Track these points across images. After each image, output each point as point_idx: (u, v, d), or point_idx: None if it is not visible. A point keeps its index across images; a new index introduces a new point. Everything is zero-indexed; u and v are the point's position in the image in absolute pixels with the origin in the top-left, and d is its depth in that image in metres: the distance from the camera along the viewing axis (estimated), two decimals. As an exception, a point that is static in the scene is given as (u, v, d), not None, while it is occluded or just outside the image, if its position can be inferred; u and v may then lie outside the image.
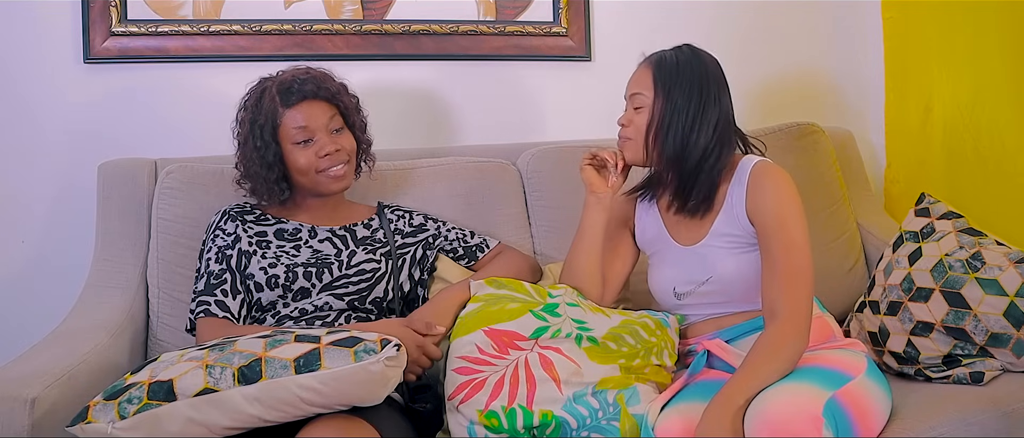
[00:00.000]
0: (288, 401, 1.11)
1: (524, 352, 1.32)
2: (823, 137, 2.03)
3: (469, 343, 1.33)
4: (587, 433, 1.30)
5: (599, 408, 1.31)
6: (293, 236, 1.51)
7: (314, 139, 1.47)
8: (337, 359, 1.12)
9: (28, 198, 1.78)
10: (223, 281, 1.44)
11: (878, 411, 1.30)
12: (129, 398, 1.09)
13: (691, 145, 1.38)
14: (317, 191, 1.51)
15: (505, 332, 1.33)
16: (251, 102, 1.49)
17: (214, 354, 1.14)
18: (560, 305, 1.38)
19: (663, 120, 1.38)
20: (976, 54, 1.97)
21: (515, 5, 2.05)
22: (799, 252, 1.32)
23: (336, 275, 1.45)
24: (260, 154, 1.46)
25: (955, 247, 1.57)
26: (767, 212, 1.35)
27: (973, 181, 1.97)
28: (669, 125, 1.38)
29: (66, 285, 1.66)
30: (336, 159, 1.48)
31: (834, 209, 1.98)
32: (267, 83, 1.50)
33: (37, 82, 1.76)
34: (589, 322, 1.37)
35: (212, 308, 1.41)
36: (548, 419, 1.29)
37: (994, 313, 1.47)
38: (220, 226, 1.50)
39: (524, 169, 1.86)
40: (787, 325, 1.27)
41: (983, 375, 1.48)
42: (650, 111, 1.40)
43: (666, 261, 1.48)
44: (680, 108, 1.38)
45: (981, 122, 1.95)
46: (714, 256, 1.41)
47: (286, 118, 1.46)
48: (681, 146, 1.38)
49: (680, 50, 1.43)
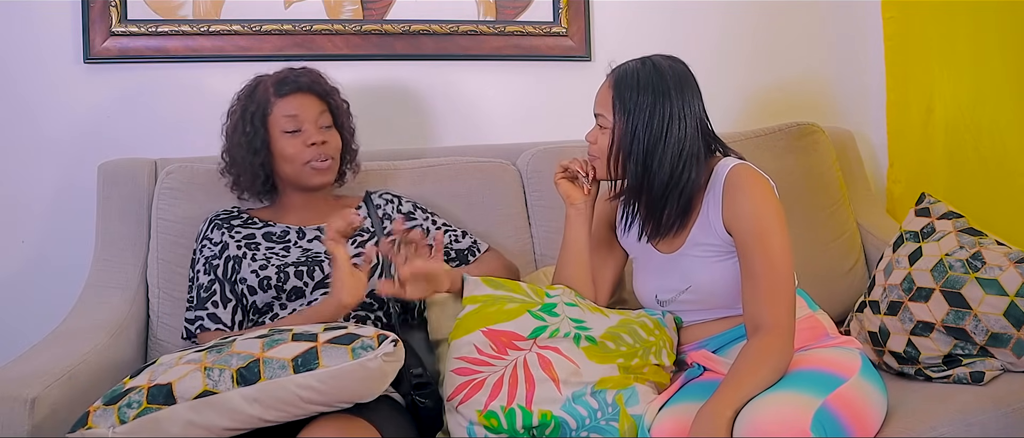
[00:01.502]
0: (288, 400, 1.11)
1: (523, 352, 1.32)
2: (823, 137, 2.03)
3: (468, 344, 1.32)
4: (586, 433, 1.29)
5: (598, 408, 1.30)
6: (281, 238, 1.52)
7: (303, 130, 1.49)
8: (335, 357, 1.12)
9: (28, 198, 1.78)
10: (212, 292, 1.45)
11: (874, 411, 1.29)
12: (129, 402, 1.09)
13: (654, 170, 1.33)
14: (300, 183, 1.52)
15: (503, 332, 1.33)
16: (244, 94, 1.53)
17: (212, 356, 1.14)
18: (558, 305, 1.38)
19: (623, 144, 1.34)
20: (977, 54, 1.97)
21: (515, 5, 2.05)
22: (780, 262, 1.28)
23: (328, 272, 1.45)
24: (248, 139, 1.48)
25: (955, 247, 1.57)
26: (745, 223, 1.31)
27: (974, 181, 1.97)
28: (630, 150, 1.34)
29: (66, 285, 1.66)
30: (323, 151, 1.50)
31: (834, 209, 1.98)
32: (262, 78, 1.54)
33: (37, 82, 1.76)
34: (587, 321, 1.37)
35: (206, 323, 1.43)
36: (547, 419, 1.29)
37: (994, 313, 1.47)
38: (207, 235, 1.52)
39: (524, 169, 1.86)
40: (771, 337, 1.25)
41: (983, 375, 1.48)
42: (611, 134, 1.36)
43: (647, 268, 1.47)
44: (639, 133, 1.32)
45: (982, 122, 1.95)
46: (692, 266, 1.39)
47: (277, 106, 1.49)
48: (643, 172, 1.34)
49: (643, 64, 1.37)
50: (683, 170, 1.33)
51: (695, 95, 1.36)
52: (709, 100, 1.40)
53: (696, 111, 1.36)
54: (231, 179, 1.55)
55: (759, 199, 1.31)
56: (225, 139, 1.54)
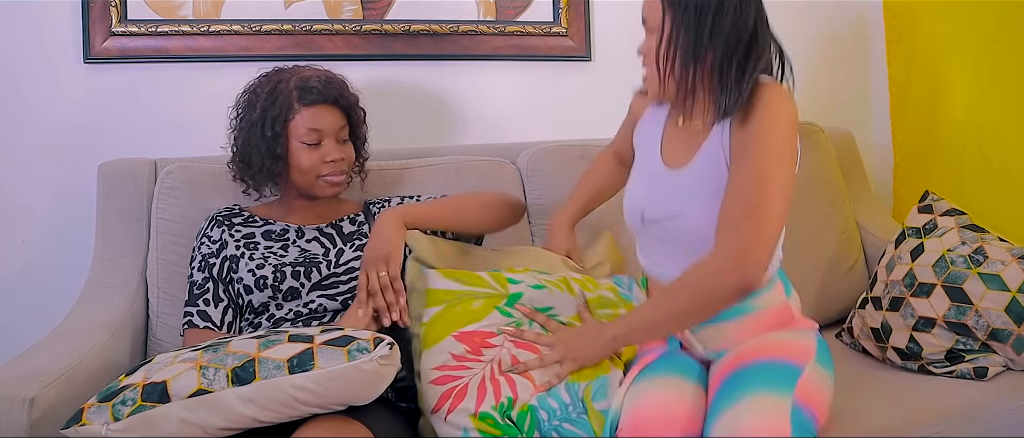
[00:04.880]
0: (282, 401, 1.11)
1: (497, 348, 1.30)
2: (823, 137, 2.03)
3: (441, 352, 1.29)
4: (559, 423, 1.27)
5: (570, 403, 1.28)
6: (280, 236, 1.51)
7: (322, 144, 1.47)
8: (330, 359, 1.11)
9: (28, 198, 1.77)
10: (205, 290, 1.44)
11: (827, 394, 1.26)
12: (123, 400, 1.08)
13: (700, 59, 1.21)
14: (310, 193, 1.51)
15: (475, 333, 1.30)
16: (264, 90, 1.47)
17: (208, 355, 1.14)
18: (524, 293, 1.35)
19: (670, 38, 1.22)
20: (980, 54, 1.96)
21: (515, 5, 2.05)
22: (773, 183, 1.13)
23: (325, 274, 1.44)
24: (268, 144, 1.45)
25: (957, 243, 1.57)
26: (750, 130, 1.17)
27: (979, 181, 1.97)
28: (676, 42, 1.22)
29: (66, 285, 1.66)
30: (339, 167, 1.48)
31: (834, 209, 1.98)
32: (284, 75, 1.49)
33: (37, 82, 1.76)
34: (555, 307, 1.36)
35: (194, 319, 1.42)
36: (524, 411, 1.27)
37: (996, 309, 1.47)
38: (207, 233, 1.51)
39: (524, 169, 1.86)
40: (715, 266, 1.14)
41: (987, 371, 1.47)
42: (659, 32, 1.24)
43: (645, 176, 1.37)
44: (688, 20, 1.20)
45: (985, 123, 1.95)
46: (690, 192, 1.27)
47: (300, 116, 1.45)
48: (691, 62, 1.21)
49: None
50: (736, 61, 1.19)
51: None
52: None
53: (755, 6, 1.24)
54: (237, 171, 1.52)
55: (776, 116, 1.17)
56: (238, 133, 1.50)
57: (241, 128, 1.49)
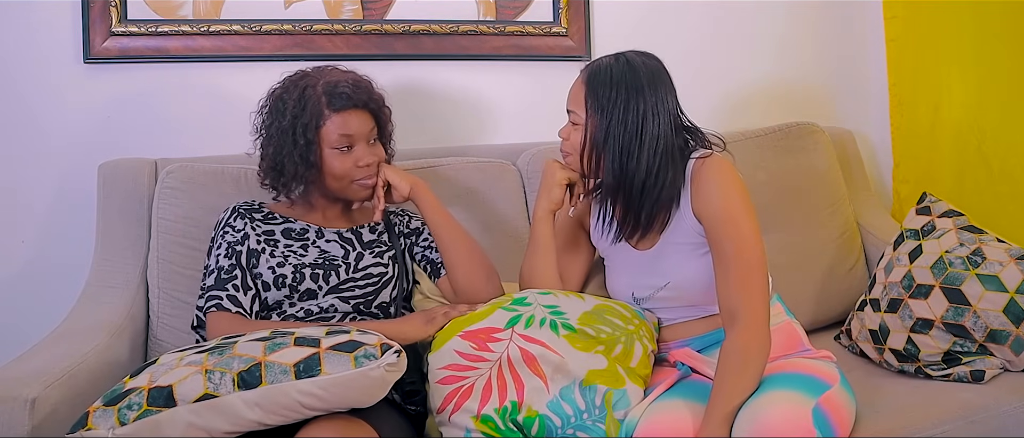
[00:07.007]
0: (288, 406, 1.11)
1: (504, 343, 1.29)
2: (823, 137, 2.03)
3: (448, 351, 1.30)
4: (573, 431, 1.27)
5: (585, 409, 1.28)
6: (301, 236, 1.50)
7: (354, 148, 1.46)
8: (337, 365, 1.11)
9: (28, 198, 1.77)
10: (234, 277, 1.41)
11: (851, 415, 1.30)
12: (129, 404, 1.09)
13: (632, 169, 1.32)
14: (344, 196, 1.50)
15: (480, 330, 1.30)
16: (292, 96, 1.44)
17: (213, 358, 1.14)
18: (528, 296, 1.36)
19: (596, 142, 1.33)
20: (981, 54, 1.96)
21: (515, 5, 2.05)
22: (750, 246, 1.28)
23: (343, 278, 1.44)
24: (301, 152, 1.42)
25: (955, 244, 1.57)
26: (713, 207, 1.31)
27: (979, 181, 1.97)
28: (604, 147, 1.33)
29: (66, 285, 1.66)
30: (371, 171, 1.48)
31: (834, 209, 1.98)
32: (309, 79, 1.47)
33: (37, 82, 1.76)
34: (561, 306, 1.35)
35: (224, 303, 1.38)
36: (532, 418, 1.27)
37: (994, 309, 1.47)
38: (230, 222, 1.48)
39: (524, 169, 1.86)
40: (748, 332, 1.24)
41: (984, 374, 1.48)
42: (583, 131, 1.35)
43: (622, 266, 1.45)
44: (614, 130, 1.31)
45: (986, 123, 1.95)
46: (669, 262, 1.38)
47: (331, 122, 1.43)
48: (620, 171, 1.32)
49: (616, 60, 1.35)
50: (660, 169, 1.32)
51: (669, 91, 1.35)
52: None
53: (670, 108, 1.34)
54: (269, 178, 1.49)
55: (727, 185, 1.31)
56: (267, 140, 1.47)
57: (271, 135, 1.46)
